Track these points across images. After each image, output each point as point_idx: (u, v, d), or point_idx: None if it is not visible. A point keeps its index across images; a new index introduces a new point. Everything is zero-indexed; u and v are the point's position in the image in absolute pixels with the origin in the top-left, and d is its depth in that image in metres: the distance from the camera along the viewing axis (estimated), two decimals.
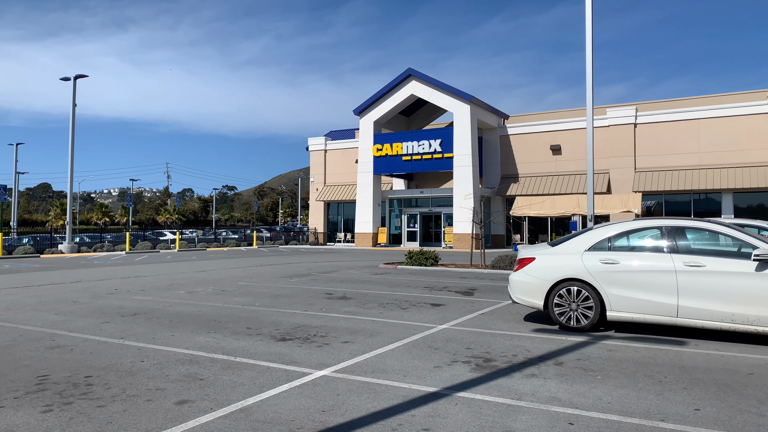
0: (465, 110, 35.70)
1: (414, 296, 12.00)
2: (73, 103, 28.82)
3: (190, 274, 16.92)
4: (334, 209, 45.83)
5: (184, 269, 18.99)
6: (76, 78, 28.96)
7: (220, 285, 14.06)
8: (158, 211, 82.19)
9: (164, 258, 25.79)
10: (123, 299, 11.45)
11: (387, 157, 38.25)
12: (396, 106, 38.30)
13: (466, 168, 35.56)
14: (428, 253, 19.62)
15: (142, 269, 19.01)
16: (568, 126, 37.75)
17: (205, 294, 12.29)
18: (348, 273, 17.58)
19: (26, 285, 14.17)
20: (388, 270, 18.80)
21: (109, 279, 15.53)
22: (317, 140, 46.10)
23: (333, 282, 14.85)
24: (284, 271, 18.39)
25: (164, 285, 13.99)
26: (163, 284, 14.16)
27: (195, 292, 12.56)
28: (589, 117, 17.95)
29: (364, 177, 39.19)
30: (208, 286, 13.74)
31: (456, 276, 16.71)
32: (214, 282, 14.79)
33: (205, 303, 10.90)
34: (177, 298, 11.68)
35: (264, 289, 13.14)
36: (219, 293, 12.42)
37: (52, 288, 13.49)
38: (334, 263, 22.21)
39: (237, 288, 13.42)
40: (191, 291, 12.79)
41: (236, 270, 18.60)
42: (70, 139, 28.97)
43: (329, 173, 45.69)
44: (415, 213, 39.97)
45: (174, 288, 13.38)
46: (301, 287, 13.62)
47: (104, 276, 16.45)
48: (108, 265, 20.89)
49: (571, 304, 8.22)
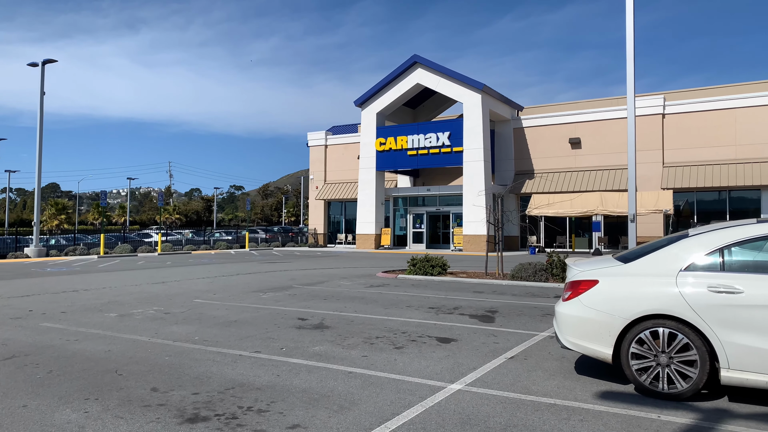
0: (476, 100, 32.59)
1: (415, 323, 8.96)
2: (41, 92, 26.03)
3: (144, 287, 13.97)
4: (335, 209, 42.87)
5: (143, 280, 16.07)
6: (44, 63, 26.18)
7: (169, 304, 11.10)
8: (158, 210, 79.48)
9: (134, 264, 22.90)
10: (20, 328, 8.50)
11: (391, 151, 35.22)
12: (401, 96, 35.25)
13: (477, 163, 32.47)
14: (435, 259, 16.58)
15: (93, 280, 16.10)
16: (588, 117, 34.58)
17: (140, 319, 9.31)
18: (337, 285, 14.57)
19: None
20: (386, 280, 15.78)
21: (39, 294, 12.60)
22: (317, 135, 43.15)
23: (314, 299, 11.84)
24: (261, 282, 15.42)
25: (99, 304, 11.04)
26: (99, 303, 11.21)
27: (129, 316, 9.59)
28: (630, 96, 14.83)
29: (366, 173, 36.18)
30: (153, 306, 10.77)
31: (469, 289, 13.67)
32: (165, 299, 11.83)
33: (126, 336, 7.93)
34: (97, 326, 8.71)
35: (220, 312, 10.15)
36: (159, 318, 9.45)
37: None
38: (326, 271, 19.22)
39: (187, 309, 10.44)
40: (125, 314, 9.82)
41: (203, 281, 15.65)
42: (38, 131, 26.20)
43: (330, 170, 42.73)
44: (422, 212, 36.93)
45: (107, 309, 10.42)
46: (270, 308, 10.62)
47: (36, 290, 13.53)
48: (60, 274, 18.01)
49: (658, 356, 5.18)
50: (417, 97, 38.01)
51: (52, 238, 31.67)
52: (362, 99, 36.03)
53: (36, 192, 26.53)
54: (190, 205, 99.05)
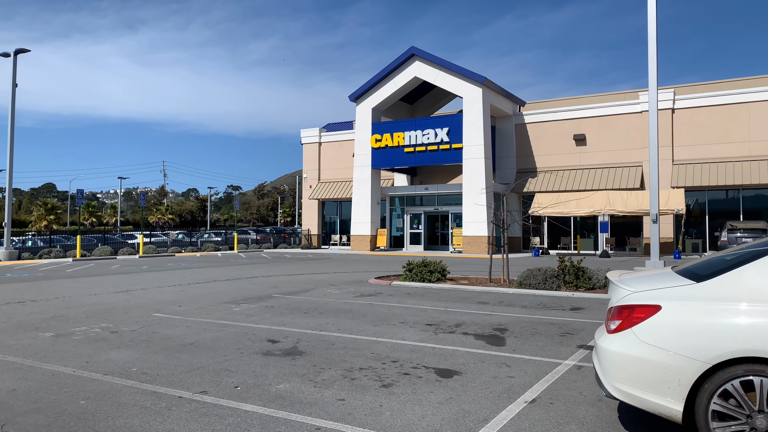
0: (476, 94, 31.01)
1: (409, 347, 7.38)
2: (13, 83, 24.38)
3: (103, 297, 12.36)
4: (330, 209, 41.28)
5: (107, 287, 14.46)
6: (16, 53, 24.54)
7: (121, 319, 9.49)
8: (150, 210, 77.78)
9: (107, 268, 21.30)
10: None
11: (387, 148, 33.62)
12: (397, 90, 33.65)
13: (478, 160, 30.89)
14: (433, 264, 14.99)
15: (50, 287, 14.48)
16: (593, 113, 33.03)
17: (78, 341, 7.72)
18: (323, 294, 12.98)
19: None
20: (379, 288, 14.19)
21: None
22: (311, 132, 41.55)
23: (293, 313, 10.25)
24: (238, 290, 13.82)
25: (39, 320, 9.43)
26: (40, 318, 9.60)
27: (66, 336, 8.00)
28: (653, 82, 13.23)
29: (360, 172, 34.59)
30: (102, 322, 9.17)
31: (471, 300, 12.09)
32: (120, 312, 10.22)
33: (49, 366, 6.34)
34: (21, 351, 7.12)
35: (178, 330, 8.56)
36: (101, 339, 7.86)
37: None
38: (314, 276, 17.63)
39: (140, 327, 8.84)
40: (63, 334, 8.22)
41: (173, 289, 14.05)
42: (9, 124, 24.60)
43: (324, 168, 41.13)
44: (419, 212, 35.35)
45: (46, 326, 8.82)
46: (239, 326, 9.03)
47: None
48: (16, 281, 16.41)
49: (753, 417, 3.62)
50: (414, 92, 36.43)
51: (29, 240, 30.05)
52: (357, 93, 34.42)
53: (8, 190, 24.94)
54: (185, 205, 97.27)
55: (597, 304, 11.31)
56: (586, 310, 10.65)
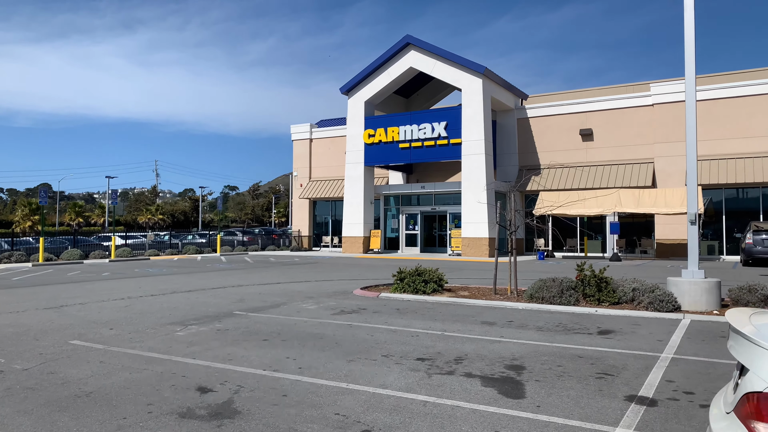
0: (476, 85, 28.86)
1: (390, 402, 5.22)
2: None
3: (23, 316, 10.18)
4: (322, 209, 39.11)
5: (41, 301, 12.29)
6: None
7: (24, 349, 7.33)
8: (140, 211, 75.50)
9: (62, 276, 19.12)
10: None
11: (381, 144, 31.46)
12: (392, 82, 31.49)
13: (478, 156, 28.75)
14: (428, 273, 12.83)
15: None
16: (601, 106, 30.91)
17: None
18: (296, 311, 10.81)
19: None
20: (364, 301, 12.02)
21: None
22: (301, 127, 39.38)
23: (247, 341, 8.09)
24: (195, 305, 11.64)
25: None
26: None
27: None
28: (690, 62, 11.05)
29: (353, 169, 32.42)
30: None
31: (474, 318, 9.94)
32: (30, 339, 8.06)
33: None
34: None
35: (86, 369, 6.40)
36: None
37: None
38: (292, 286, 15.46)
39: (42, 361, 6.68)
40: None
41: (118, 304, 11.87)
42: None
43: (315, 166, 38.97)
44: (416, 212, 33.20)
45: None
46: (168, 363, 6.87)
47: None
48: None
49: None
50: (410, 85, 34.27)
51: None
52: (349, 85, 32.25)
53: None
54: (178, 205, 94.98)
55: (629, 326, 9.16)
56: (618, 334, 8.50)
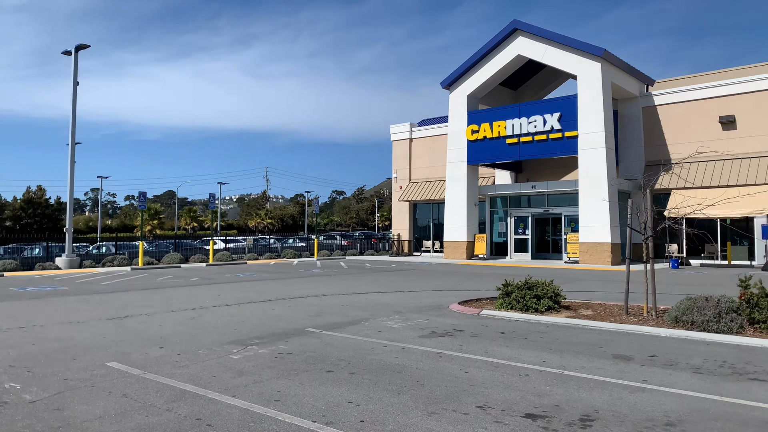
0: (594, 70, 25.73)
1: None
2: (74, 81, 22.92)
3: (78, 328, 9.24)
4: (423, 211, 37.32)
5: (107, 310, 11.49)
6: (77, 49, 23.08)
7: (53, 371, 6.17)
8: (251, 215, 78.18)
9: (152, 281, 18.78)
10: None
11: (485, 140, 29.11)
12: (497, 73, 29.05)
13: (597, 151, 25.58)
14: (541, 286, 10.56)
15: (40, 308, 11.76)
16: (745, 88, 26.50)
17: None
18: (377, 330, 9.04)
19: None
20: (461, 321, 10.00)
21: None
22: (401, 127, 37.88)
23: (307, 373, 6.42)
24: (265, 319, 10.24)
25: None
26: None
27: None
28: None
29: (454, 169, 30.33)
30: (15, 377, 5.85)
31: (603, 352, 7.63)
32: (67, 358, 6.94)
33: None
34: None
35: (101, 405, 5.04)
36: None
37: None
38: (380, 297, 13.76)
39: (57, 391, 5.43)
40: None
41: (182, 316, 10.76)
42: (70, 125, 23.13)
43: (416, 167, 37.28)
44: (526, 215, 30.44)
45: None
46: (200, 401, 5.35)
47: None
48: (18, 297, 13.99)
49: None
50: (518, 75, 31.57)
51: (103, 246, 28.90)
52: (450, 79, 30.22)
53: (68, 196, 23.54)
54: (286, 210, 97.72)
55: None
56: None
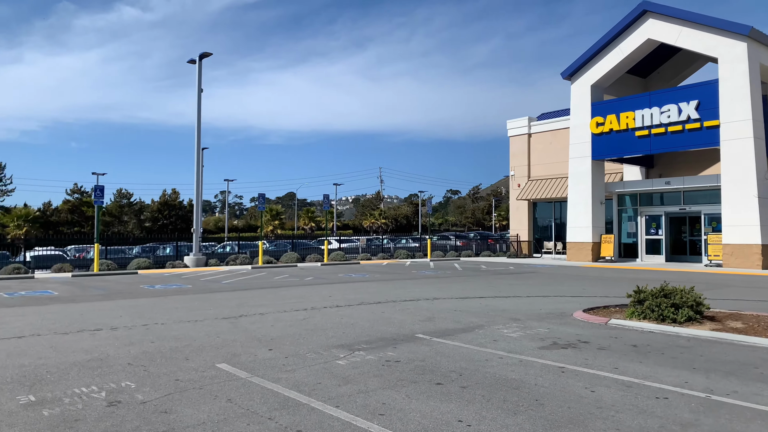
0: (739, 51, 22.94)
1: None
2: (199, 89, 24.42)
3: (195, 327, 9.50)
4: (543, 210, 35.64)
5: (223, 309, 11.80)
6: (201, 57, 24.51)
7: (167, 371, 6.28)
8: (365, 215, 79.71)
9: (269, 280, 19.31)
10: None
11: (612, 134, 27.07)
12: (624, 60, 26.90)
13: (743, 141, 22.79)
14: (679, 293, 9.32)
15: (161, 305, 12.32)
16: None
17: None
18: (492, 339, 8.40)
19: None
20: (586, 331, 9.06)
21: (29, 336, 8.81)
22: (518, 122, 36.43)
23: (415, 384, 5.99)
24: (375, 323, 9.94)
25: (62, 364, 6.63)
26: (83, 357, 6.82)
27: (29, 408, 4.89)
28: None
29: (577, 164, 28.53)
30: (132, 374, 6.01)
31: (760, 374, 6.44)
32: (181, 358, 7.06)
33: None
34: None
35: (196, 415, 4.98)
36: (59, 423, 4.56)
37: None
38: (496, 302, 13.01)
39: (168, 392, 5.47)
40: (28, 404, 5.15)
41: (293, 316, 10.76)
42: (196, 129, 24.64)
43: (535, 164, 35.65)
44: (659, 213, 27.95)
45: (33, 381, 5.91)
46: (301, 411, 5.14)
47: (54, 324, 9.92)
48: (153, 295, 14.82)
49: None
50: (647, 61, 29.03)
51: (227, 245, 30.60)
52: (572, 69, 28.47)
53: (195, 198, 25.08)
54: (400, 210, 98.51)
55: None
56: None
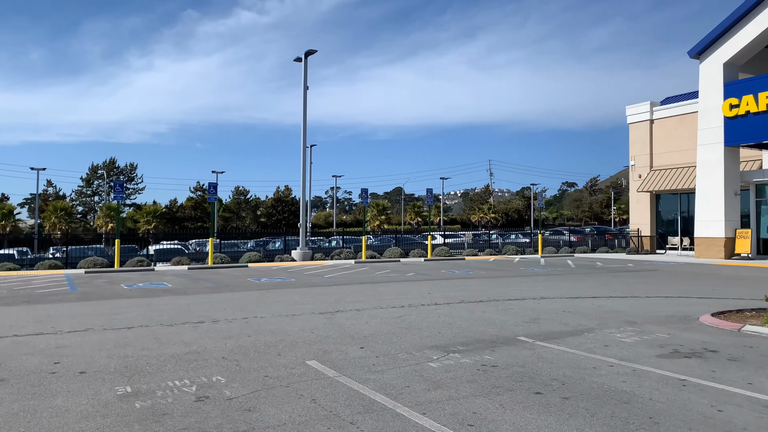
0: None
1: None
2: (304, 86, 24.91)
3: (292, 321, 9.53)
4: (667, 203, 32.83)
5: (320, 304, 11.82)
6: (306, 55, 24.97)
7: (256, 367, 6.28)
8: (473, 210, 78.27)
9: (370, 275, 19.24)
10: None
11: (748, 116, 24.24)
12: (763, 33, 23.92)
13: None
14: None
15: (268, 299, 12.57)
16: None
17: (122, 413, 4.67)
18: (603, 344, 7.63)
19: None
20: (713, 339, 7.99)
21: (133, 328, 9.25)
22: (639, 107, 33.79)
23: (514, 391, 5.50)
24: (473, 323, 9.43)
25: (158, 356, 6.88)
26: (176, 350, 7.06)
27: (129, 398, 5.06)
28: None
29: (707, 151, 25.88)
30: (222, 369, 6.09)
31: None
32: (273, 354, 7.07)
33: None
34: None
35: (278, 416, 4.88)
36: (163, 413, 4.66)
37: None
38: (611, 302, 11.99)
39: (254, 389, 5.45)
40: (130, 394, 5.32)
41: (390, 313, 10.51)
42: (302, 126, 25.18)
43: (657, 152, 32.90)
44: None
45: (134, 371, 6.13)
46: (380, 421, 4.87)
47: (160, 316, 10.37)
48: (258, 288, 15.22)
49: None
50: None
51: (333, 240, 31.17)
52: (701, 46, 25.82)
53: (301, 193, 25.71)
54: (511, 204, 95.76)
55: None
56: None
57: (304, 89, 25.02)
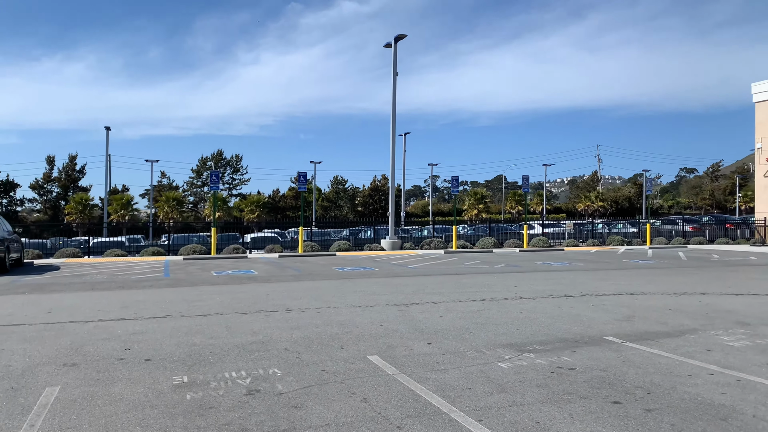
0: None
1: None
2: (394, 72, 24.51)
3: (364, 313, 9.25)
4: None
5: (396, 296, 11.45)
6: (396, 40, 24.52)
7: (317, 360, 6.11)
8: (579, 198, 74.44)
9: (456, 266, 18.63)
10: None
11: None
12: None
13: None
14: None
15: (339, 288, 12.38)
16: None
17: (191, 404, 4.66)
18: (704, 348, 6.70)
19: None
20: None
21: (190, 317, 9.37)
22: (766, 84, 30.25)
23: (588, 399, 4.88)
24: (558, 319, 8.70)
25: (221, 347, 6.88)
26: (237, 340, 7.06)
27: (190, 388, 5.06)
28: None
29: None
30: (282, 361, 5.97)
31: None
32: (335, 347, 6.87)
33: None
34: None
35: (323, 415, 4.63)
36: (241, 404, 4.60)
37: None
38: (721, 300, 10.70)
39: (307, 384, 5.26)
40: (192, 383, 5.32)
41: (468, 307, 9.98)
42: (391, 113, 24.81)
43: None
44: None
45: (191, 365, 6.15)
46: (432, 426, 4.43)
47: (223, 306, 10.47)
48: (341, 277, 15.13)
49: None
50: None
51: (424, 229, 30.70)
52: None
53: (390, 182, 25.43)
54: (621, 191, 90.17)
55: None
56: None
57: (393, 74, 24.70)
